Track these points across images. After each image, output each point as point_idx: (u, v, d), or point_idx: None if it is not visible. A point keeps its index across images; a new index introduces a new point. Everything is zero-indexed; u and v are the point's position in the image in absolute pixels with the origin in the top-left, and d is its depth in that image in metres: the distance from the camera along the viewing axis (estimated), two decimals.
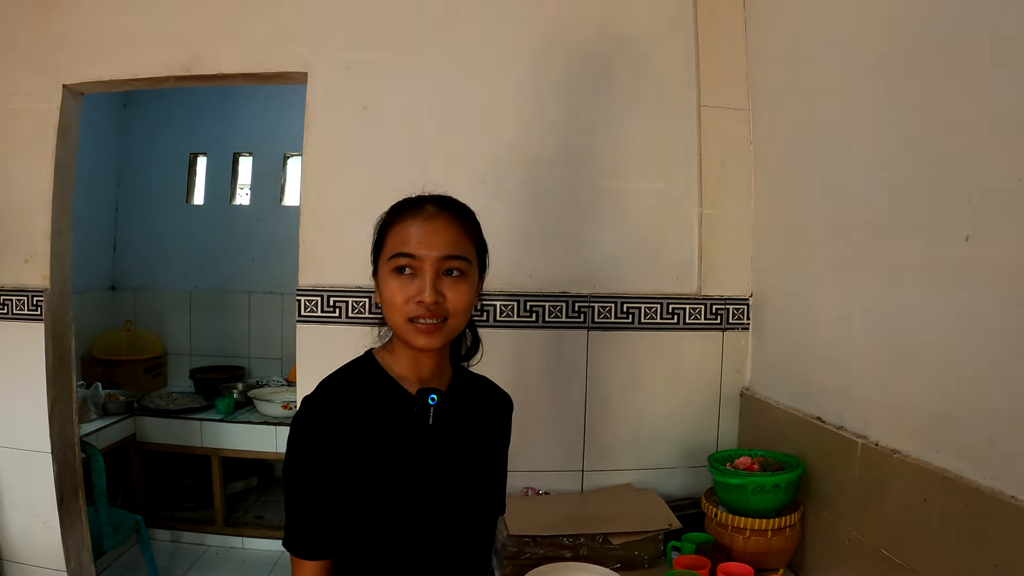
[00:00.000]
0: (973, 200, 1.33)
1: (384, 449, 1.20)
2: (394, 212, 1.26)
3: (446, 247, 1.19)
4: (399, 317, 1.19)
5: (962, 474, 1.33)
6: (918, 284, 1.48)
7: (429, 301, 1.16)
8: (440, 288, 1.18)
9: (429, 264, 1.18)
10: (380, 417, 1.21)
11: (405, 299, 1.18)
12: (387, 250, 1.21)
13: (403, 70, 2.23)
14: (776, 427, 2.02)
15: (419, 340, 1.19)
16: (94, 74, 2.36)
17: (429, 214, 1.21)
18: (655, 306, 2.22)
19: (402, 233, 1.20)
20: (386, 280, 1.20)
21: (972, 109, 1.34)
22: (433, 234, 1.19)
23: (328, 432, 1.17)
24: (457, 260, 1.20)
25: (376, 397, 1.23)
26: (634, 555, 1.86)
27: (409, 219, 1.21)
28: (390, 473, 1.20)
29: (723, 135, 2.25)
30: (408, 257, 1.18)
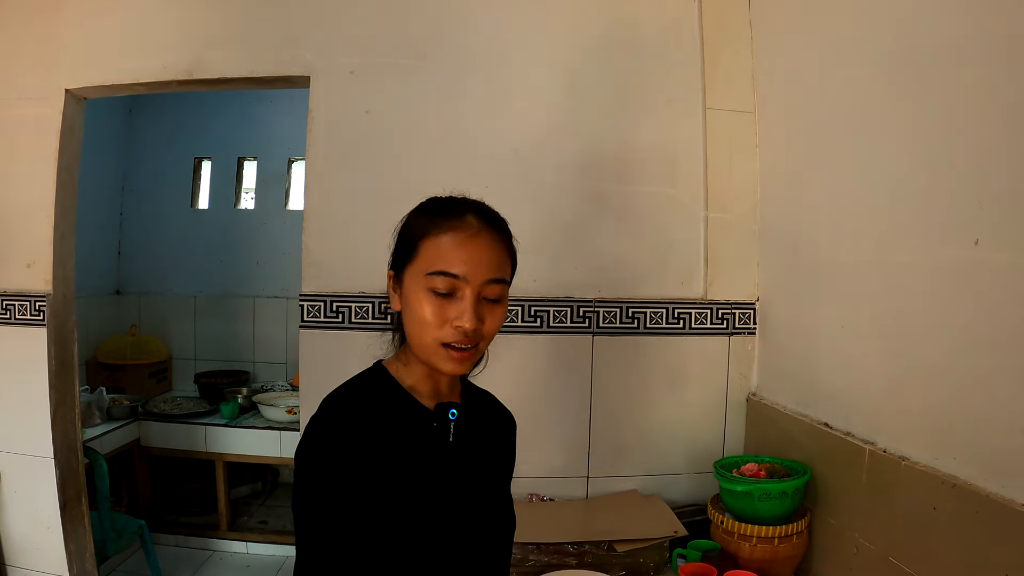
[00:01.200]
0: (983, 204, 1.31)
1: (407, 469, 1.11)
2: (431, 218, 1.13)
3: (491, 270, 1.10)
4: (430, 339, 1.09)
5: (971, 481, 1.31)
6: (927, 288, 1.46)
7: (470, 329, 1.08)
8: (479, 312, 1.09)
9: (472, 287, 1.08)
10: (400, 436, 1.12)
11: (440, 321, 1.08)
12: (422, 263, 1.10)
13: (407, 74, 2.22)
14: (783, 433, 2.00)
15: (448, 365, 1.11)
16: (97, 79, 2.36)
17: (474, 229, 1.11)
18: (661, 310, 2.21)
19: (443, 248, 1.09)
20: (417, 296, 1.10)
21: (981, 111, 1.32)
22: (478, 253, 1.10)
23: (352, 457, 1.05)
24: (499, 284, 1.12)
25: (394, 414, 1.14)
26: (639, 563, 1.84)
27: (450, 231, 1.10)
28: (416, 493, 1.11)
29: (729, 138, 2.23)
30: (451, 278, 1.08)
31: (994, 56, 1.29)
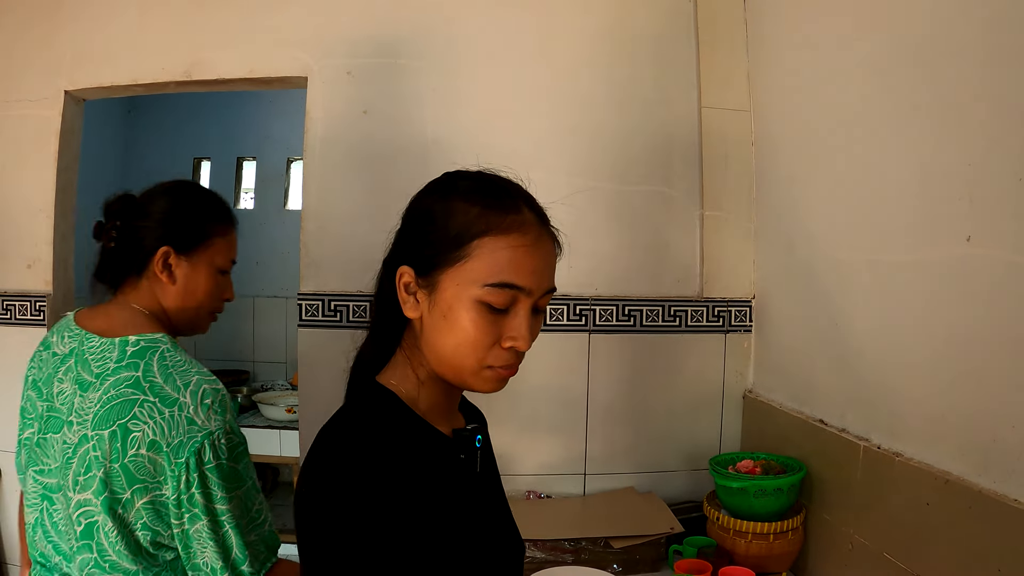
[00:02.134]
0: (974, 200, 1.32)
1: (446, 511, 0.93)
2: (486, 209, 0.92)
3: (551, 279, 0.95)
4: (472, 360, 0.91)
5: (964, 477, 1.32)
6: (920, 285, 1.47)
7: (525, 350, 0.91)
8: (532, 328, 0.93)
9: (531, 302, 0.92)
10: (432, 475, 0.94)
11: (493, 341, 0.91)
12: (479, 269, 0.90)
13: (404, 74, 2.22)
14: (779, 430, 2.01)
15: (487, 387, 0.94)
16: (95, 80, 2.36)
17: (536, 232, 0.93)
18: (657, 309, 2.22)
19: (510, 253, 0.90)
20: (465, 308, 0.90)
21: (972, 107, 1.33)
22: (543, 261, 0.94)
23: (391, 509, 0.84)
24: (552, 293, 0.96)
25: (420, 451, 0.94)
26: (636, 559, 1.85)
27: (514, 232, 0.91)
28: (459, 535, 0.94)
29: (724, 136, 2.24)
30: (518, 291, 0.90)
31: (985, 52, 1.30)
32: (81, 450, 1.21)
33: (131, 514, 1.20)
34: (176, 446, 1.19)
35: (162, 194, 1.43)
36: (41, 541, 1.30)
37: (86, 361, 1.28)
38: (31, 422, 1.35)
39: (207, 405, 1.24)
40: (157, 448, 1.18)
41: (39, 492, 1.29)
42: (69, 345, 1.33)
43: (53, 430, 1.27)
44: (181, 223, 1.39)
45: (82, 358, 1.29)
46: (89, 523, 1.21)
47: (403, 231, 1.00)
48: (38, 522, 1.29)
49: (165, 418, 1.20)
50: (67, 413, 1.25)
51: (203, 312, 1.47)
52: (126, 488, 1.19)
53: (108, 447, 1.19)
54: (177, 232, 1.38)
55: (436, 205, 0.96)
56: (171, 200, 1.41)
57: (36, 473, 1.30)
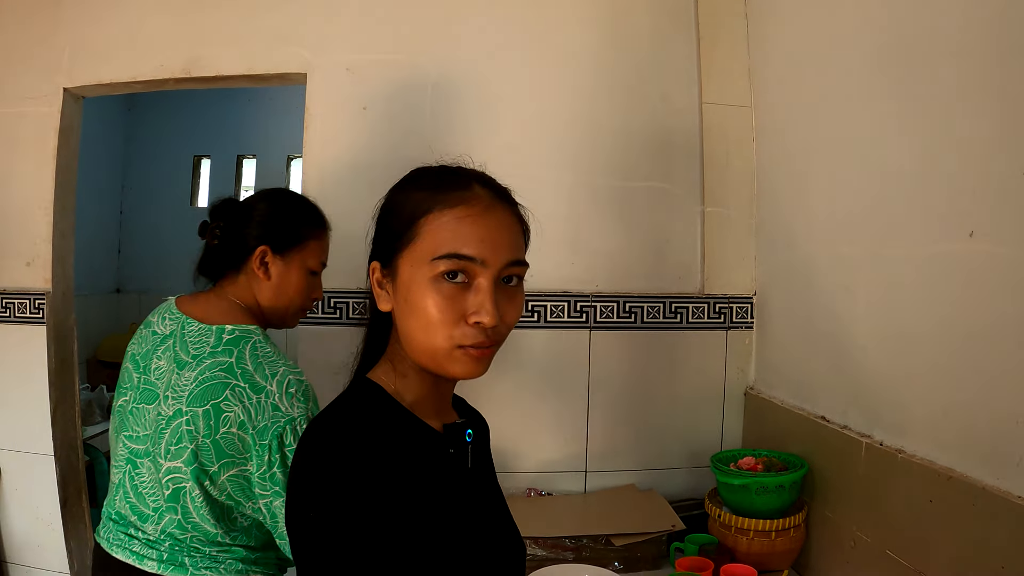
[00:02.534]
0: (977, 195, 1.31)
1: (433, 507, 0.91)
2: (431, 192, 0.93)
3: (511, 249, 0.92)
4: (441, 340, 0.89)
5: (968, 473, 1.31)
6: (922, 281, 1.46)
7: (491, 324, 0.88)
8: (500, 303, 0.90)
9: (492, 272, 0.89)
10: (419, 469, 0.92)
11: (455, 318, 0.88)
12: (425, 247, 0.90)
13: (404, 70, 2.22)
14: (780, 427, 2.00)
15: (464, 369, 0.91)
16: (94, 77, 2.35)
17: (486, 203, 0.92)
18: (658, 305, 2.21)
19: (453, 226, 0.90)
20: (421, 288, 0.89)
21: (974, 102, 1.32)
22: (496, 231, 0.91)
23: (375, 503, 0.83)
24: (520, 266, 0.93)
25: (406, 444, 0.92)
26: (637, 556, 1.85)
27: (459, 206, 0.91)
28: (446, 533, 0.91)
29: (725, 132, 2.23)
30: (465, 260, 0.88)
31: (987, 47, 1.29)
32: (175, 423, 1.37)
33: (217, 484, 1.37)
34: (262, 429, 1.34)
35: (263, 199, 1.61)
36: (121, 501, 1.45)
37: (185, 343, 1.44)
38: (126, 391, 1.51)
39: (291, 394, 1.38)
40: (244, 428, 1.34)
41: (126, 456, 1.45)
42: (170, 327, 1.49)
43: (147, 401, 1.43)
44: (278, 225, 1.55)
45: (181, 340, 1.44)
46: (177, 488, 1.37)
47: (374, 230, 1.02)
48: (120, 483, 1.46)
49: (253, 403, 1.35)
50: (163, 388, 1.41)
51: (293, 308, 1.59)
52: (215, 461, 1.35)
53: (201, 423, 1.34)
54: (275, 233, 1.54)
55: (394, 198, 0.99)
56: (270, 204, 1.59)
57: (126, 438, 1.46)
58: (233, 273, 1.54)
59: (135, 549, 1.42)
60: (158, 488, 1.39)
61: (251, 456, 1.35)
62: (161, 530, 1.40)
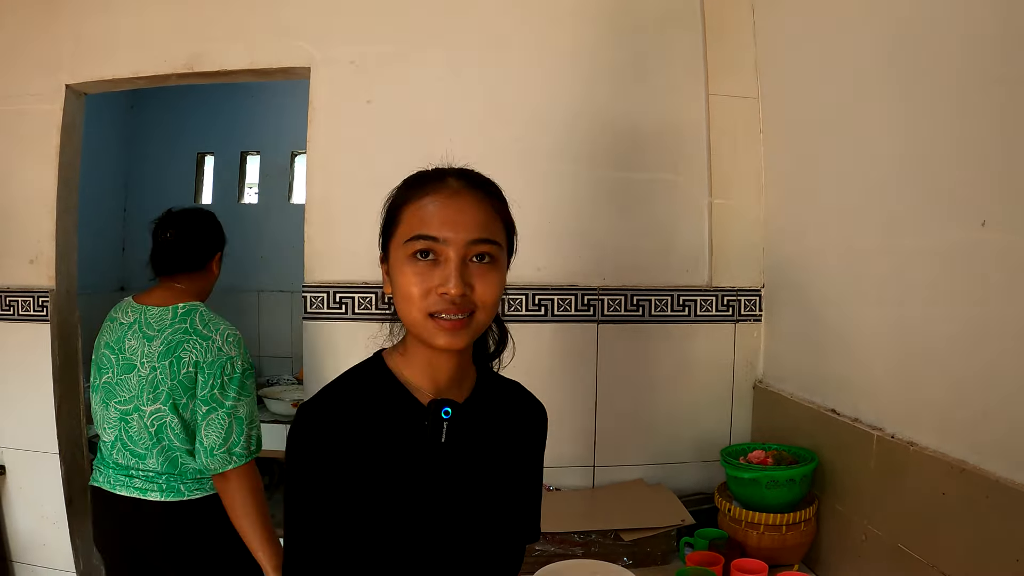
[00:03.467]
0: (989, 183, 1.29)
1: (390, 470, 1.02)
2: (409, 187, 1.06)
3: (475, 229, 1.01)
4: (416, 312, 0.99)
5: (980, 466, 1.29)
6: (934, 272, 1.45)
7: (455, 293, 0.97)
8: (467, 277, 0.99)
9: (455, 249, 0.99)
10: (387, 432, 1.03)
11: (425, 290, 0.99)
12: (402, 232, 1.02)
13: (407, 63, 2.21)
14: (790, 420, 1.99)
15: (440, 339, 1.00)
16: (96, 74, 2.35)
17: (453, 189, 1.03)
18: (666, 298, 2.19)
19: (421, 212, 1.01)
20: (400, 268, 1.01)
21: (985, 90, 1.30)
22: (459, 213, 1.01)
23: (328, 448, 0.98)
24: (487, 244, 1.01)
25: (384, 408, 1.04)
26: (646, 552, 1.83)
27: (429, 195, 1.02)
28: (396, 498, 1.02)
29: (732, 124, 2.22)
30: (429, 240, 0.99)
31: (996, 35, 1.27)
32: (150, 377, 1.85)
33: (187, 412, 1.86)
34: (208, 363, 1.84)
35: (200, 215, 2.18)
36: (120, 453, 1.90)
37: (149, 323, 1.91)
38: (106, 370, 1.93)
39: (230, 342, 1.89)
40: (198, 366, 1.84)
41: (118, 417, 1.90)
42: (132, 316, 1.94)
43: (127, 372, 1.89)
44: (221, 235, 2.18)
45: (145, 322, 1.91)
46: (159, 425, 1.86)
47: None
48: (116, 439, 1.91)
49: (202, 348, 1.85)
50: (138, 358, 1.88)
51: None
52: (182, 395, 1.85)
53: (168, 372, 1.84)
54: (221, 241, 2.16)
55: (389, 199, 1.10)
56: (211, 220, 2.18)
57: (116, 404, 1.90)
58: (191, 270, 2.03)
59: (137, 485, 1.87)
60: (145, 432, 1.87)
61: (201, 384, 1.84)
62: (154, 468, 1.87)
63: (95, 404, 1.97)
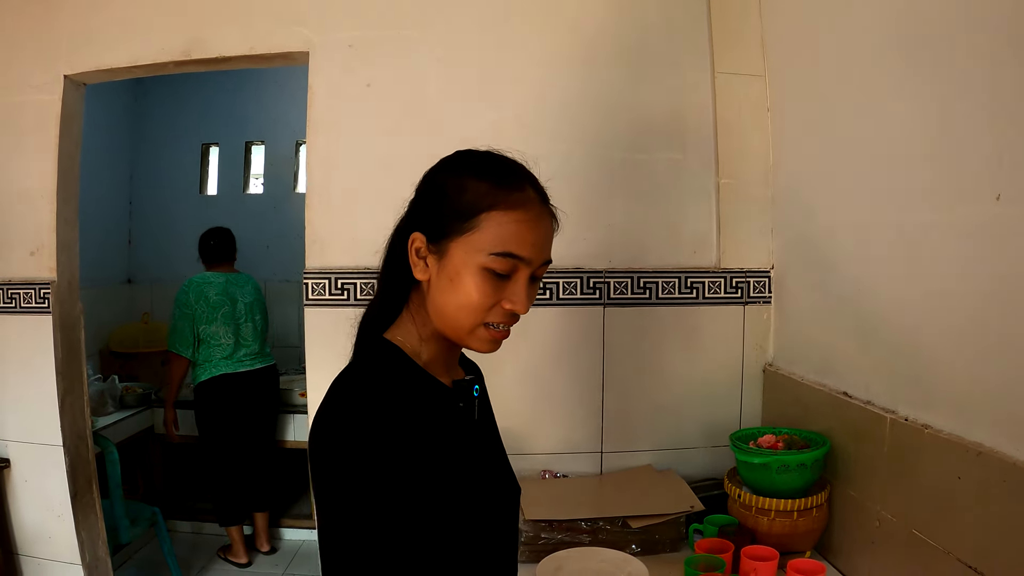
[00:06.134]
0: (1004, 156, 1.24)
1: (447, 457, 1.02)
2: (495, 186, 1.01)
3: (548, 251, 1.04)
4: (473, 319, 1.01)
5: (997, 449, 1.25)
6: (948, 248, 1.40)
7: (523, 313, 1.01)
8: (529, 295, 1.03)
9: (530, 270, 1.01)
10: (433, 423, 1.03)
11: (492, 303, 1.00)
12: (486, 239, 0.98)
13: (407, 46, 2.17)
14: (801, 404, 1.95)
15: (486, 347, 1.04)
16: (95, 63, 2.33)
17: (538, 209, 1.03)
18: (673, 280, 2.15)
19: (516, 228, 0.99)
20: (469, 272, 0.99)
21: (998, 61, 1.25)
22: (544, 237, 1.03)
23: (398, 454, 0.93)
24: (548, 265, 1.06)
25: (423, 400, 1.04)
26: (655, 539, 1.80)
27: (520, 208, 1.00)
28: (460, 481, 1.03)
29: (739, 102, 2.17)
30: (518, 260, 0.99)
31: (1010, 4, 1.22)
32: None
33: None
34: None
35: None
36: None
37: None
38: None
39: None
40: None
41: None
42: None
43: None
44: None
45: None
46: None
47: (417, 202, 1.09)
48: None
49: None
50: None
51: None
52: None
53: None
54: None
55: (449, 180, 1.05)
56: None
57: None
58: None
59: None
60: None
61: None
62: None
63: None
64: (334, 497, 0.93)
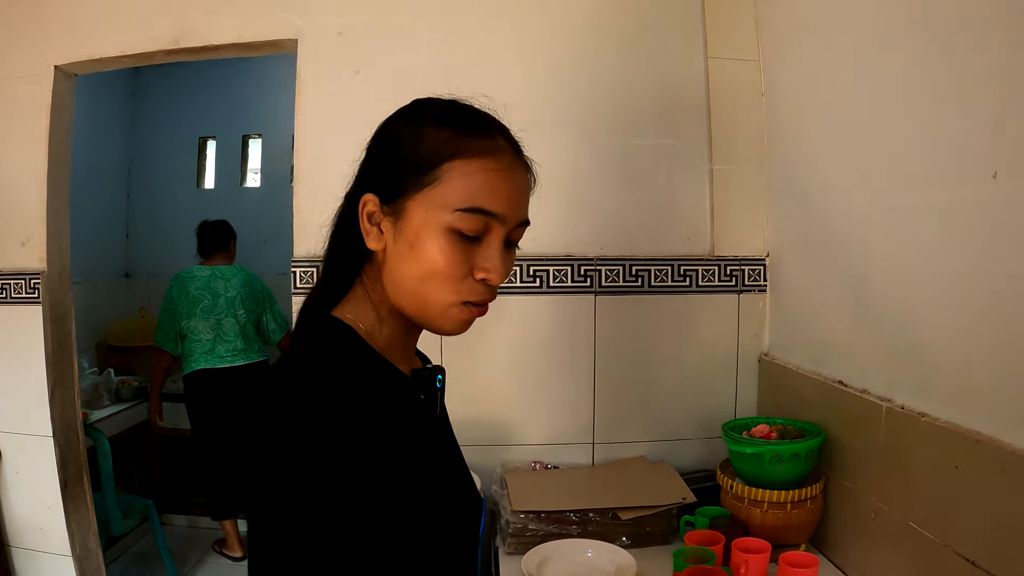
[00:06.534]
0: (999, 132, 1.20)
1: (411, 455, 0.87)
2: (458, 133, 0.86)
3: (525, 209, 0.89)
4: (449, 296, 0.85)
5: (997, 436, 1.21)
6: (944, 230, 1.36)
7: (498, 283, 0.86)
8: (504, 262, 0.87)
9: (504, 231, 0.86)
10: (395, 416, 0.87)
11: (464, 273, 0.84)
12: (449, 193, 0.83)
13: (396, 31, 2.14)
14: (797, 394, 1.91)
15: (457, 328, 0.88)
16: (85, 53, 2.32)
17: (510, 158, 0.88)
18: (666, 268, 2.11)
19: (483, 177, 0.84)
20: (434, 236, 0.83)
21: (992, 33, 1.21)
22: (520, 190, 0.88)
23: (361, 454, 0.77)
24: (525, 227, 0.90)
25: (377, 388, 0.87)
26: (645, 531, 1.77)
27: (488, 157, 0.85)
28: (428, 481, 0.89)
29: (733, 87, 2.13)
30: (490, 217, 0.84)
31: None
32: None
33: None
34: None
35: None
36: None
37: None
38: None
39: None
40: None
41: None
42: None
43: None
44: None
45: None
46: None
47: (367, 160, 0.94)
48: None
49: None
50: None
51: None
52: None
53: None
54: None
55: (404, 130, 0.90)
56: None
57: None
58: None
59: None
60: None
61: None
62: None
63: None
64: (276, 508, 0.75)
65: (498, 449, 2.09)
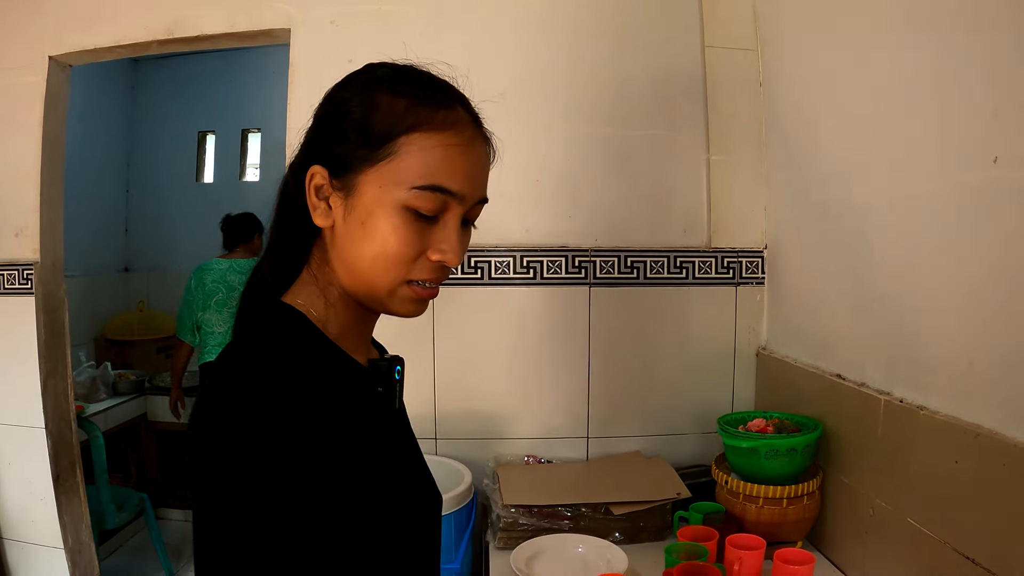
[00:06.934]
0: (1000, 116, 1.17)
1: (369, 450, 0.83)
2: (417, 102, 0.81)
3: (484, 186, 0.85)
4: (396, 276, 0.81)
5: (997, 430, 1.18)
6: (944, 218, 1.32)
7: (455, 264, 0.82)
8: (462, 242, 0.83)
9: (462, 210, 0.82)
10: (351, 408, 0.83)
11: (416, 253, 0.80)
12: (406, 169, 0.79)
13: (389, 20, 2.12)
14: (795, 388, 1.88)
15: (411, 308, 0.84)
16: (78, 43, 2.30)
17: (470, 133, 0.83)
18: (662, 260, 2.08)
19: (442, 152, 0.79)
20: (387, 215, 0.79)
21: (993, 16, 1.17)
22: (479, 167, 0.84)
23: (317, 448, 0.73)
24: (483, 204, 0.86)
25: (332, 379, 0.82)
26: (639, 526, 1.74)
27: (448, 130, 0.80)
28: (386, 476, 0.85)
29: (730, 77, 2.10)
30: (447, 195, 0.80)
31: None
32: None
33: None
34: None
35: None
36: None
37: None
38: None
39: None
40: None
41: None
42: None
43: None
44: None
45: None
46: None
47: (314, 128, 0.88)
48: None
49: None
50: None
51: None
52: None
53: None
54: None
55: (355, 98, 0.84)
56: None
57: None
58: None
59: None
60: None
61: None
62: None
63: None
64: (227, 505, 0.71)
65: (491, 443, 2.07)
